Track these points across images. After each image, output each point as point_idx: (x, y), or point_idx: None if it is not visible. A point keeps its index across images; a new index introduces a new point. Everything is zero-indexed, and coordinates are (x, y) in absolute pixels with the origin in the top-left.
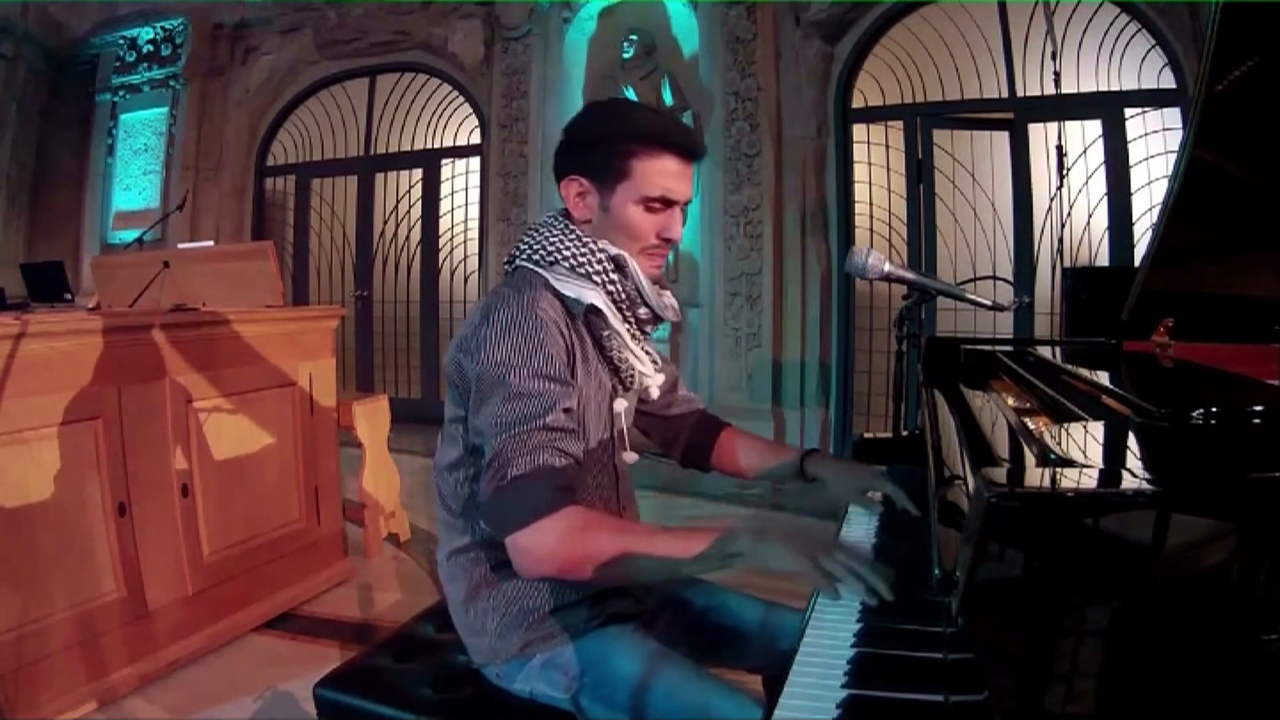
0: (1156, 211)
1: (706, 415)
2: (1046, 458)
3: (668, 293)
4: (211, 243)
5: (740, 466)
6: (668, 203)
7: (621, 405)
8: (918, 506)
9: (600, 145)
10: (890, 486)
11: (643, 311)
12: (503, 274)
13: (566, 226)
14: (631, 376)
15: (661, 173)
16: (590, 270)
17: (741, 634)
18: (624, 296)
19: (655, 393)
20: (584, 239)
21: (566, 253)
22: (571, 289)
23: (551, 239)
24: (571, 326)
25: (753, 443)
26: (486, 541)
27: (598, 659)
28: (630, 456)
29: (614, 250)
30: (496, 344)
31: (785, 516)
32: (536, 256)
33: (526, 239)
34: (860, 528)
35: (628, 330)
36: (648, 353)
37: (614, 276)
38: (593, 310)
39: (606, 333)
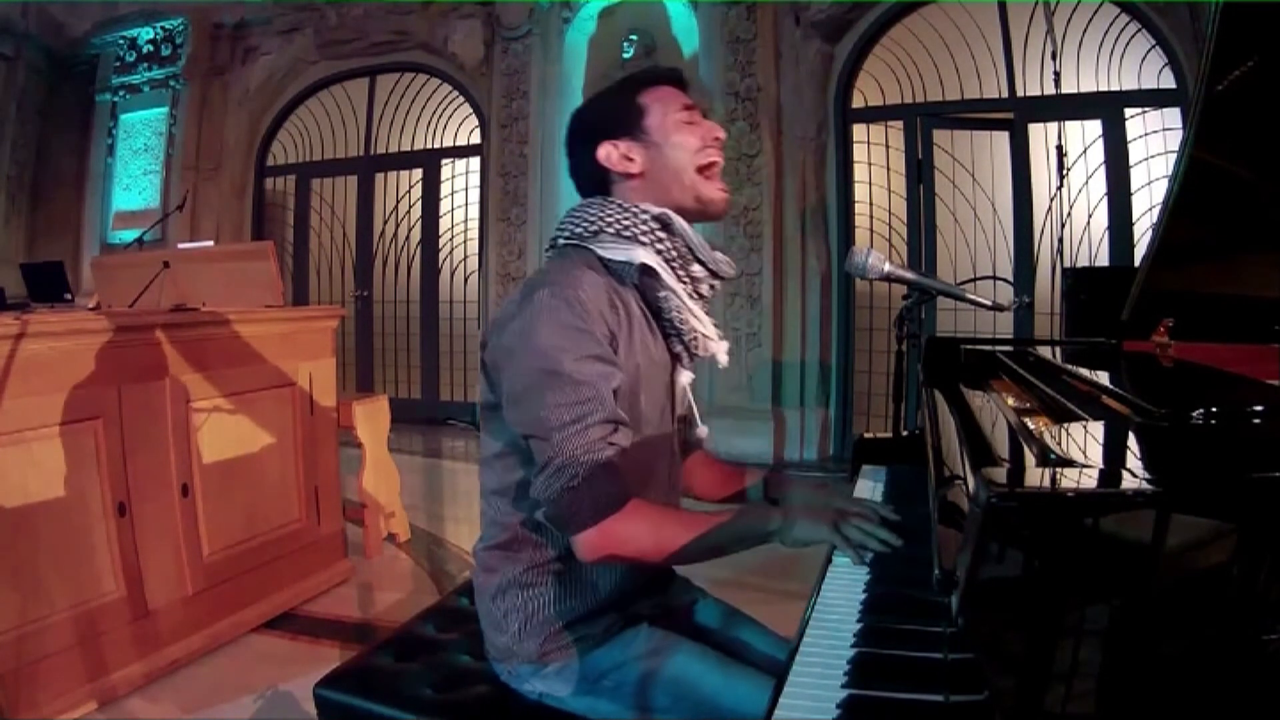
0: (1156, 211)
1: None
2: (1046, 458)
3: (718, 252)
4: (211, 243)
5: (697, 489)
6: (692, 109)
7: (686, 378)
8: (917, 506)
9: (611, 107)
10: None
11: (696, 269)
12: (544, 259)
13: (605, 199)
14: (695, 340)
15: (671, 94)
16: (637, 232)
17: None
18: (675, 255)
19: (724, 359)
20: (624, 205)
21: (609, 218)
22: (620, 253)
23: (591, 212)
24: (620, 299)
25: (714, 465)
26: (525, 541)
27: (615, 663)
28: (702, 431)
29: (657, 210)
30: (540, 327)
31: None
32: (579, 230)
33: (565, 221)
34: (867, 490)
35: (685, 289)
36: (709, 315)
37: (661, 235)
38: (646, 271)
39: (663, 294)
